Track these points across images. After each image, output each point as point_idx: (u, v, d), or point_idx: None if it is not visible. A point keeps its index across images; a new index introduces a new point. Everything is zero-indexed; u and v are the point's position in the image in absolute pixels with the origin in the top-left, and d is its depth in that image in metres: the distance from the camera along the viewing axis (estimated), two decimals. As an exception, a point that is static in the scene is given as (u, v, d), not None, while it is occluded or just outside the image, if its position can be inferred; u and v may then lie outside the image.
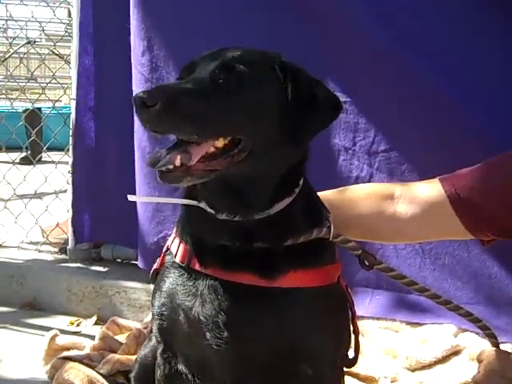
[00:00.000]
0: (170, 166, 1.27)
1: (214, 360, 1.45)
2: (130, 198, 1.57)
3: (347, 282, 1.64)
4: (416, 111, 2.56)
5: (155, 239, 2.98)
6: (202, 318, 1.41)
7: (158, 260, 1.57)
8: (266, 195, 1.41)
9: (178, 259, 1.48)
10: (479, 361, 1.95)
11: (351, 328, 1.62)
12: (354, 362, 1.69)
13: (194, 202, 1.43)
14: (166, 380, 1.55)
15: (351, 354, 1.68)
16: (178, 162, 1.27)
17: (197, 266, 1.44)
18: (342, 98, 2.67)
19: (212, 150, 1.32)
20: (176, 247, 1.50)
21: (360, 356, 1.72)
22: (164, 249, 1.58)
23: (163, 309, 1.49)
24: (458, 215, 1.74)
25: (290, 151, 1.41)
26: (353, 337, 1.63)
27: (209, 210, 1.41)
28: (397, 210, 1.78)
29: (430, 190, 1.79)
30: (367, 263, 1.66)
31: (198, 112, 1.27)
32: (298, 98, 1.38)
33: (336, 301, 1.52)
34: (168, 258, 1.53)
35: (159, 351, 1.56)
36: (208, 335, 1.41)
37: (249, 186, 1.40)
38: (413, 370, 2.34)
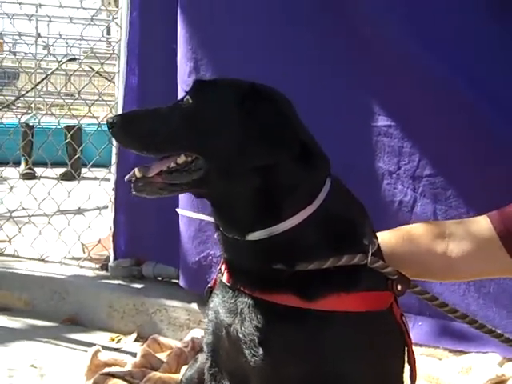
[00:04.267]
0: (132, 178, 1.43)
1: (253, 378, 1.46)
2: (180, 211, 1.65)
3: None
4: (463, 137, 2.55)
5: (197, 258, 3.00)
6: (240, 335, 1.43)
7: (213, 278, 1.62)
8: (247, 214, 1.40)
9: (224, 279, 1.52)
10: None
11: (405, 359, 1.57)
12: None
13: (211, 219, 1.51)
14: None
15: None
16: (137, 174, 1.43)
17: (238, 286, 1.47)
18: (387, 121, 2.69)
19: (173, 165, 1.42)
20: (223, 267, 1.54)
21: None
22: (218, 268, 1.61)
23: (210, 325, 1.53)
24: (509, 253, 1.71)
25: (255, 173, 1.39)
26: (408, 367, 1.59)
27: (220, 228, 1.47)
28: (448, 248, 1.76)
29: (480, 227, 1.76)
30: (400, 288, 1.61)
31: (147, 131, 1.43)
32: (252, 126, 1.39)
33: (383, 328, 1.49)
34: (219, 275, 1.57)
35: (206, 367, 1.59)
36: (246, 352, 1.43)
37: (225, 206, 1.43)
38: (457, 399, 2.31)
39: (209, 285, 1.62)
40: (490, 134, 2.50)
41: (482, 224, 1.76)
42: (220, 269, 1.57)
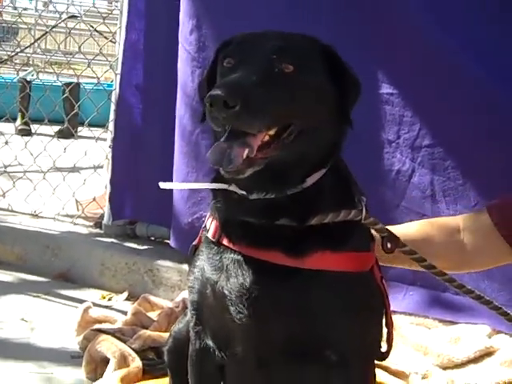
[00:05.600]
0: (239, 164, 1.31)
1: (237, 335, 1.47)
2: (162, 185, 1.58)
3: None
4: (464, 109, 2.53)
5: (190, 220, 2.98)
6: (225, 291, 1.43)
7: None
8: (302, 171, 1.43)
9: (209, 235, 1.51)
10: None
11: (384, 320, 1.60)
12: (386, 355, 1.68)
13: (225, 186, 1.45)
14: (196, 355, 1.57)
15: (384, 347, 1.66)
16: (244, 157, 1.31)
17: (225, 242, 1.47)
18: (389, 89, 2.66)
19: (266, 138, 1.36)
20: (209, 223, 1.53)
21: (391, 351, 1.70)
22: (203, 225, 1.60)
23: (195, 283, 1.52)
24: (508, 242, 1.79)
25: (334, 129, 1.45)
26: (386, 330, 1.62)
27: (240, 191, 1.43)
28: (463, 243, 1.87)
29: (482, 221, 1.85)
30: (389, 246, 1.65)
31: (268, 107, 1.31)
32: (339, 80, 1.44)
33: (366, 289, 1.50)
34: (204, 234, 1.56)
35: (191, 325, 1.58)
36: (231, 309, 1.43)
37: (289, 165, 1.41)
38: (444, 368, 2.33)
39: (193, 242, 1.60)
40: (493, 107, 2.48)
41: (482, 217, 1.85)
42: (205, 226, 1.55)
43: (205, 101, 1.29)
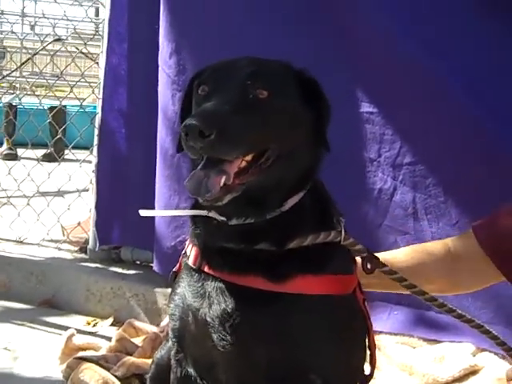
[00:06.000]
0: (217, 193, 1.30)
1: (220, 363, 1.46)
2: (143, 213, 1.57)
3: (366, 296, 1.62)
4: (442, 125, 2.54)
5: (172, 243, 2.97)
6: (208, 319, 1.43)
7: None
8: (280, 195, 1.44)
9: (190, 262, 1.50)
10: (509, 379, 1.94)
11: (367, 342, 1.60)
12: (369, 377, 1.67)
13: (204, 212, 1.45)
14: (178, 383, 1.56)
15: (367, 369, 1.66)
16: (221, 185, 1.31)
17: (206, 269, 1.46)
18: (369, 108, 2.67)
19: (243, 164, 1.36)
20: (190, 250, 1.53)
21: (376, 371, 1.70)
22: (183, 252, 1.59)
23: (176, 310, 1.51)
24: (496, 266, 1.80)
25: (311, 152, 1.46)
26: (369, 352, 1.62)
27: (220, 218, 1.43)
28: (453, 266, 1.88)
29: (468, 243, 1.86)
30: (369, 266, 1.65)
31: (243, 134, 1.32)
32: (314, 103, 1.46)
33: (349, 312, 1.50)
34: (184, 260, 1.56)
35: (172, 353, 1.58)
36: (214, 337, 1.42)
37: (267, 189, 1.42)
38: (430, 388, 2.32)
39: (173, 269, 1.60)
40: (470, 124, 2.49)
41: (471, 238, 1.85)
42: (185, 252, 1.55)
43: (180, 130, 1.29)
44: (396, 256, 1.92)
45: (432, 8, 2.56)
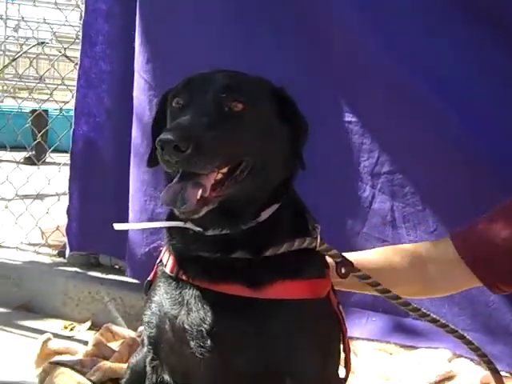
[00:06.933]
0: (193, 205, 1.31)
1: (197, 370, 1.47)
2: (117, 226, 1.58)
3: (344, 302, 1.65)
4: (422, 135, 2.56)
5: (147, 249, 2.93)
6: (186, 326, 1.43)
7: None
8: (256, 206, 1.46)
9: (167, 270, 1.51)
10: None
11: (341, 346, 1.61)
12: (344, 381, 1.69)
13: (181, 223, 1.46)
14: None
15: (342, 372, 1.67)
16: (198, 197, 1.32)
17: (184, 277, 1.47)
18: (348, 117, 2.69)
19: (219, 176, 1.37)
20: (166, 258, 1.53)
21: (353, 377, 1.72)
22: (158, 260, 1.60)
23: (152, 318, 1.51)
24: (474, 273, 1.84)
25: (286, 164, 1.48)
26: (343, 355, 1.63)
27: (196, 229, 1.44)
28: (427, 269, 1.90)
29: (445, 249, 1.89)
30: (343, 271, 1.67)
31: (219, 147, 1.33)
32: (290, 120, 1.49)
33: (323, 316, 1.53)
34: (160, 268, 1.56)
35: (148, 360, 1.58)
36: (192, 344, 1.43)
37: (242, 201, 1.43)
38: (406, 394, 2.33)
39: (148, 278, 1.60)
40: (448, 134, 2.51)
41: (446, 246, 1.89)
42: (161, 260, 1.55)
43: (156, 144, 1.29)
44: (366, 257, 1.94)
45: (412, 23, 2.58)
